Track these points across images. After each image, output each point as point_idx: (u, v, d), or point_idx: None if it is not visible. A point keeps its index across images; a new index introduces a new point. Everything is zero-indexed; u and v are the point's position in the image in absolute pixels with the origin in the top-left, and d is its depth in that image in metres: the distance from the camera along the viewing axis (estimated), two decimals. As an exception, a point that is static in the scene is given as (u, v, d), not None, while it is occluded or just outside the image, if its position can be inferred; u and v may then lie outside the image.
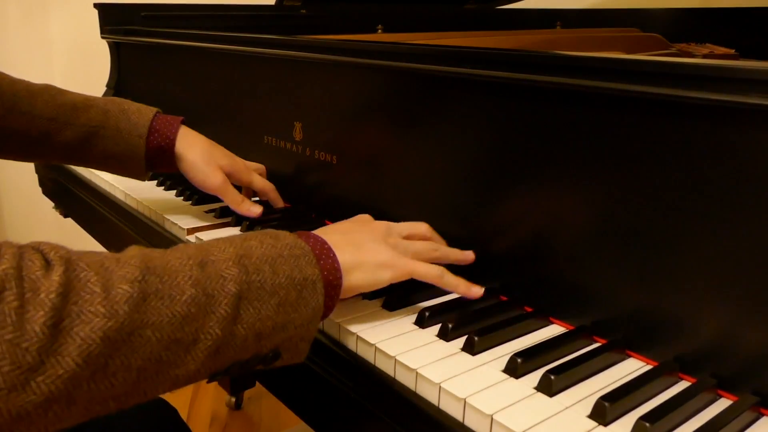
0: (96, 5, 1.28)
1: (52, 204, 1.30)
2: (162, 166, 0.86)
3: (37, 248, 0.40)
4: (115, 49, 1.32)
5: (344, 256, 0.56)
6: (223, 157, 0.87)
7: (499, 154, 0.66)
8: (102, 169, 0.88)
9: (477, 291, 0.63)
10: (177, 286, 0.44)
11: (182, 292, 0.44)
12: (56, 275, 0.38)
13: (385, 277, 0.59)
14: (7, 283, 0.36)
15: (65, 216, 1.26)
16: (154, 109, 0.86)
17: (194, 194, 0.96)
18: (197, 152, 0.85)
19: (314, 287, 0.51)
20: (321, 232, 0.58)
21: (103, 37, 1.31)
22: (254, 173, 0.91)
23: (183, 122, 0.87)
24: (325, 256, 0.54)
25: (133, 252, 0.45)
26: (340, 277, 0.55)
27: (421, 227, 0.68)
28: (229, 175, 0.86)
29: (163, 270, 0.44)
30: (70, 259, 0.40)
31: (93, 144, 0.83)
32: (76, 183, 1.13)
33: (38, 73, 2.26)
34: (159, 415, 0.87)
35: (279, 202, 0.93)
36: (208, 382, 0.49)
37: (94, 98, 0.86)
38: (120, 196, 1.01)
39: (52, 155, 0.86)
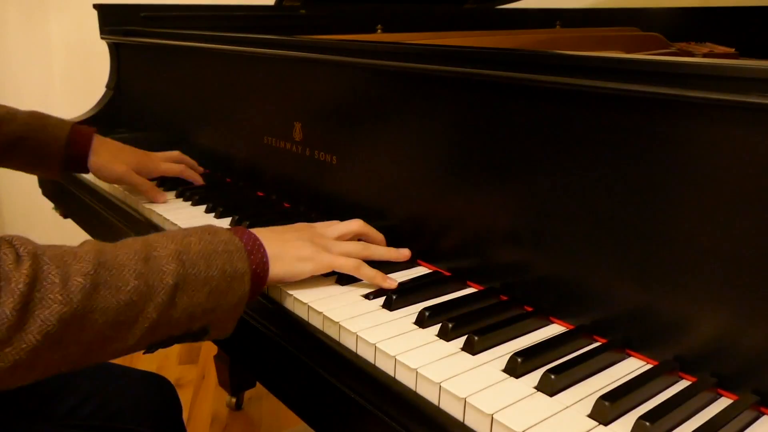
0: (95, 6, 1.28)
1: (52, 205, 1.30)
2: (75, 169, 1.00)
3: (10, 242, 0.49)
4: (115, 50, 1.32)
5: (271, 249, 0.63)
6: (129, 155, 1.00)
7: (498, 154, 0.66)
8: (21, 170, 0.99)
9: (391, 283, 0.67)
10: (123, 278, 0.52)
11: (127, 283, 0.52)
12: (24, 268, 0.47)
13: (305, 269, 0.66)
14: None
15: (65, 217, 1.26)
16: (70, 122, 0.97)
17: (194, 194, 0.96)
18: (103, 155, 0.98)
19: (242, 279, 0.59)
20: (254, 230, 0.65)
21: (102, 38, 1.31)
22: (162, 163, 1.02)
23: (96, 132, 0.99)
24: (255, 250, 0.62)
25: (88, 247, 0.53)
26: (267, 269, 0.63)
27: (353, 225, 0.73)
28: (138, 172, 0.98)
29: (112, 264, 0.52)
30: (36, 254, 0.49)
31: (13, 156, 0.94)
32: (77, 184, 1.13)
33: (38, 74, 2.26)
34: (155, 390, 0.90)
35: (197, 179, 1.04)
36: (144, 353, 0.58)
37: (16, 111, 0.96)
38: (120, 196, 1.01)
39: None
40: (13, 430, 0.70)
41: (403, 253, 0.73)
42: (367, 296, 0.65)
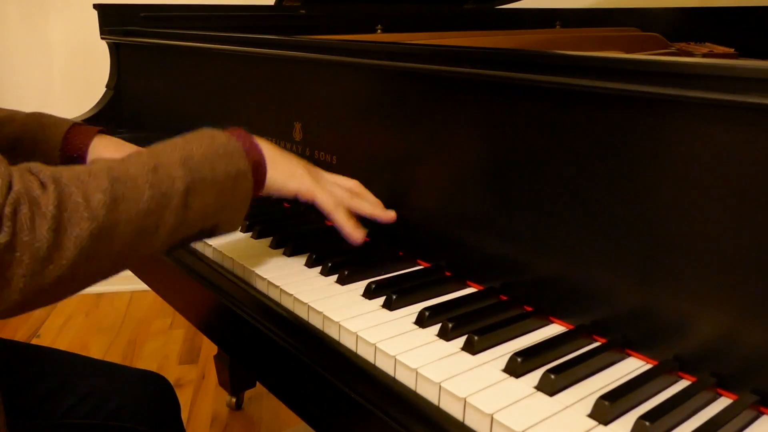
0: (95, 6, 1.28)
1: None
2: None
3: (30, 170, 0.52)
4: (115, 50, 1.32)
5: (267, 153, 0.68)
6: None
7: (498, 154, 0.66)
8: None
9: (359, 235, 0.70)
10: (138, 189, 0.56)
11: (143, 193, 0.56)
12: (50, 192, 0.50)
13: (292, 184, 0.70)
14: (21, 200, 0.49)
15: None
16: (70, 121, 0.92)
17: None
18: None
19: (245, 177, 0.64)
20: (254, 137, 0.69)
21: (102, 38, 1.31)
22: None
23: (102, 131, 0.91)
24: (252, 151, 0.66)
25: (101, 165, 0.56)
26: (265, 165, 0.67)
27: (349, 182, 0.76)
28: None
29: (126, 177, 0.56)
30: (56, 178, 0.52)
31: (13, 156, 0.87)
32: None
33: (38, 74, 2.26)
34: (154, 389, 0.91)
35: None
36: (166, 254, 0.62)
37: (17, 113, 0.92)
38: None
39: None
40: (13, 429, 0.70)
41: (389, 214, 0.75)
42: (367, 296, 0.65)
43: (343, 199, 0.72)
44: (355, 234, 0.70)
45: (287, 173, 0.69)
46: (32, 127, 0.91)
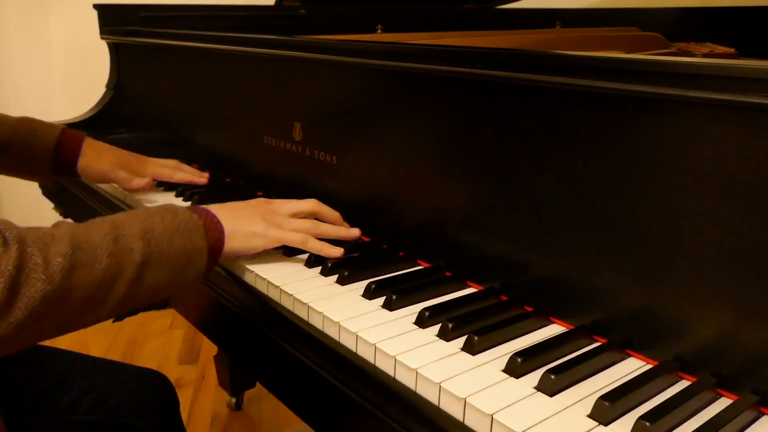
0: (95, 6, 1.28)
1: (52, 205, 1.30)
2: (65, 173, 1.00)
3: None
4: (115, 50, 1.32)
5: (227, 226, 0.69)
6: (114, 154, 0.99)
7: (498, 154, 0.66)
8: (11, 176, 1.00)
9: (336, 251, 0.73)
10: (96, 258, 0.56)
11: (100, 262, 0.57)
12: (12, 251, 0.51)
13: (258, 243, 0.71)
14: None
15: (65, 217, 1.26)
16: (60, 126, 0.98)
17: (194, 194, 0.96)
18: (89, 156, 0.98)
19: (200, 255, 0.65)
20: (213, 207, 0.70)
21: (102, 38, 1.31)
22: (151, 166, 1.00)
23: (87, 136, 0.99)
24: (213, 228, 0.67)
25: (64, 229, 0.57)
26: (223, 245, 0.68)
27: (307, 205, 0.77)
28: (123, 170, 0.97)
29: (86, 245, 0.57)
30: (20, 237, 0.53)
31: (5, 158, 0.95)
32: (77, 184, 1.13)
33: (38, 75, 2.26)
34: (153, 386, 0.91)
35: (192, 181, 1.01)
36: (113, 322, 0.62)
37: (6, 117, 0.97)
38: (120, 196, 1.01)
39: None
40: (13, 424, 0.70)
41: (353, 233, 0.77)
42: (367, 296, 0.65)
43: (308, 231, 0.74)
44: (333, 253, 0.73)
45: (249, 236, 0.70)
46: (24, 131, 0.95)
